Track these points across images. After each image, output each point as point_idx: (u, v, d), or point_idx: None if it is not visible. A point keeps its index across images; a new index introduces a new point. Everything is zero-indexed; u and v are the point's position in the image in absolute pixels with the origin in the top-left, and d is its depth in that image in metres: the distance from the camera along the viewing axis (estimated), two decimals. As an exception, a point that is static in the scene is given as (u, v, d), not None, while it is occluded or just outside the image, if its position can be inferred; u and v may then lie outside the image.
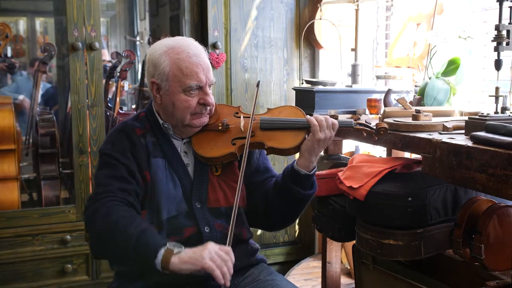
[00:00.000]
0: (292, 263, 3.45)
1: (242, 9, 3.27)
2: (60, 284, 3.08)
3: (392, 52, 2.84)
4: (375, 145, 2.72)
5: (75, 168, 3.08)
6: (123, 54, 4.57)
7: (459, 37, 2.42)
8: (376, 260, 2.25)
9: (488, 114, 1.75)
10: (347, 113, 2.55)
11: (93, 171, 3.06)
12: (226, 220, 1.75)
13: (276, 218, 1.87)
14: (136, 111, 4.73)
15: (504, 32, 1.81)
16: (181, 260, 1.51)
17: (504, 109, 1.84)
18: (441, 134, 1.85)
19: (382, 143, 2.05)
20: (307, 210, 1.93)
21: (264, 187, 1.86)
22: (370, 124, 1.84)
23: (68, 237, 3.06)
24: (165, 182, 1.74)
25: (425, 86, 2.32)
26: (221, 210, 1.78)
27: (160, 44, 1.79)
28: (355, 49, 2.99)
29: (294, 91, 3.00)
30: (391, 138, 1.98)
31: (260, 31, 3.32)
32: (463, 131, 1.80)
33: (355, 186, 2.01)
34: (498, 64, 1.85)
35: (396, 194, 1.92)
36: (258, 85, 1.88)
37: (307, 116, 1.78)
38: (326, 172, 2.30)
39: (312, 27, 3.25)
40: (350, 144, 3.24)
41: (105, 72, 4.45)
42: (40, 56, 4.79)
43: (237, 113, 1.87)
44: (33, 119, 4.04)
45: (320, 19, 3.17)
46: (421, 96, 2.33)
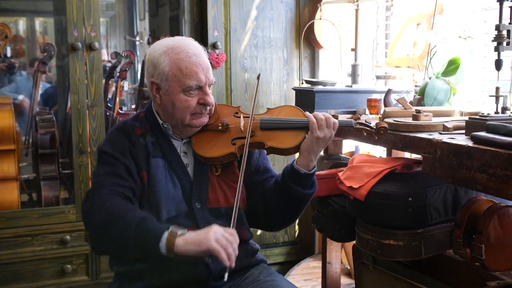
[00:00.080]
0: (292, 263, 3.45)
1: (242, 9, 3.27)
2: (60, 284, 3.08)
3: (392, 52, 2.84)
4: (375, 145, 2.72)
5: (75, 168, 3.07)
6: (123, 54, 4.57)
7: (459, 37, 2.42)
8: (376, 260, 2.25)
9: (489, 114, 1.75)
10: (347, 113, 2.55)
11: (92, 171, 3.06)
12: (226, 220, 1.74)
13: (276, 218, 1.87)
14: (136, 111, 4.73)
15: (504, 32, 1.81)
16: (186, 241, 1.50)
17: (504, 109, 1.83)
18: (441, 134, 1.85)
19: (382, 143, 2.05)
20: (307, 210, 1.93)
21: (264, 187, 1.86)
22: (370, 124, 1.84)
23: (68, 237, 3.06)
24: (165, 182, 1.73)
25: (425, 86, 2.31)
26: (221, 210, 1.78)
27: (160, 44, 1.78)
28: (355, 49, 2.99)
29: (294, 91, 3.00)
30: (391, 138, 1.98)
31: (260, 31, 3.32)
32: (463, 131, 1.80)
33: (355, 186, 2.00)
34: (498, 64, 1.85)
35: (397, 194, 1.91)
36: (258, 77, 1.89)
37: (307, 113, 1.78)
38: (326, 172, 2.30)
39: (312, 27, 3.24)
40: (350, 144, 3.24)
41: (105, 72, 4.45)
42: (39, 56, 4.78)
43: (236, 113, 1.86)
44: (32, 119, 4.04)
45: (320, 19, 3.17)
46: (421, 96, 2.33)
